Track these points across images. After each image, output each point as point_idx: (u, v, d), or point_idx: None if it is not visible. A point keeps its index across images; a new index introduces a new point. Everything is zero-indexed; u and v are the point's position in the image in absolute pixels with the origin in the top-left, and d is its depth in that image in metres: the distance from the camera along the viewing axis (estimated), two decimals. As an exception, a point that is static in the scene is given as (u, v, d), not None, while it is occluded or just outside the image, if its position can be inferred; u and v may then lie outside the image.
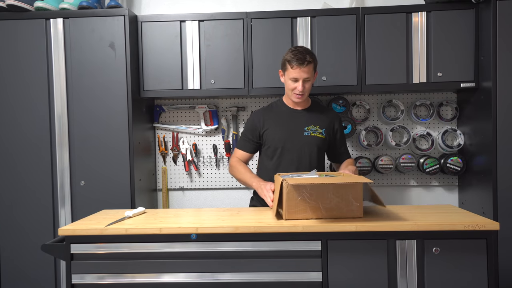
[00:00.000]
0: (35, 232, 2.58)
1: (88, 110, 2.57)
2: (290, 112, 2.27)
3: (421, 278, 1.66)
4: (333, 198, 1.73)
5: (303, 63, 2.09)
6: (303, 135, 2.23)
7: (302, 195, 1.73)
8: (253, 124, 2.28)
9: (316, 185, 1.72)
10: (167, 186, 2.99)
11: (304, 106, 2.28)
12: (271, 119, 2.27)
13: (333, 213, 1.74)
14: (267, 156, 2.28)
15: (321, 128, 2.25)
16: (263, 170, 2.31)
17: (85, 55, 2.56)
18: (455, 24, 2.57)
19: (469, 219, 1.70)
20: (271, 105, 2.36)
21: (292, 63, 2.10)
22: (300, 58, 2.09)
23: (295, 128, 2.23)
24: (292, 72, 2.12)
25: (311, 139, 2.22)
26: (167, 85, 2.68)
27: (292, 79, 2.14)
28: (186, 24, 2.67)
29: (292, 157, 2.21)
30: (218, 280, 1.68)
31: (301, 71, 2.10)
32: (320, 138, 2.24)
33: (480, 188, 2.58)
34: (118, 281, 1.70)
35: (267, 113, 2.29)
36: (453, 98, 2.89)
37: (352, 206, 1.73)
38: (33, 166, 2.58)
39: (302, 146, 2.22)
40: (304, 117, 2.26)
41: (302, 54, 2.11)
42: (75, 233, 1.70)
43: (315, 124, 2.25)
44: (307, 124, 2.24)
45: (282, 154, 2.22)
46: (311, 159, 2.22)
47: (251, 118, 2.32)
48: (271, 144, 2.24)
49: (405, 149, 2.89)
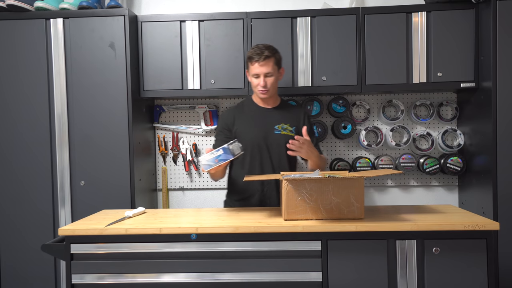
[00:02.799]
0: (35, 232, 2.58)
1: (88, 110, 2.57)
2: (260, 110, 2.27)
3: (421, 278, 1.66)
4: (333, 199, 1.73)
5: (261, 58, 2.13)
6: (274, 133, 2.22)
7: (302, 195, 1.73)
8: (225, 123, 2.26)
9: (316, 185, 1.72)
10: (167, 186, 2.99)
11: (273, 104, 2.29)
12: (241, 118, 2.26)
13: (334, 214, 1.73)
14: (237, 159, 2.23)
15: (291, 126, 2.25)
16: (234, 171, 2.29)
17: (85, 55, 2.56)
18: (455, 24, 2.57)
19: (469, 219, 1.70)
20: (240, 104, 2.36)
21: (252, 60, 2.14)
22: (258, 54, 2.13)
23: (266, 126, 2.23)
24: (253, 69, 2.15)
25: (282, 137, 2.21)
26: (167, 85, 2.68)
27: (254, 76, 2.16)
28: (186, 24, 2.67)
29: (265, 156, 2.20)
30: (218, 280, 1.68)
31: (260, 66, 2.13)
32: (291, 136, 2.19)
33: (480, 188, 2.58)
34: (118, 281, 1.70)
35: (237, 112, 2.28)
36: (453, 98, 2.89)
37: (353, 207, 1.73)
38: (33, 166, 2.58)
39: (274, 145, 2.21)
40: (274, 116, 2.26)
41: (260, 50, 2.14)
42: (75, 233, 1.70)
43: (285, 122, 2.25)
44: (277, 122, 2.24)
45: (253, 153, 2.20)
46: (282, 157, 2.21)
47: (222, 117, 2.31)
48: (242, 143, 2.19)
49: (405, 149, 2.89)
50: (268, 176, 2.07)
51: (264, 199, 2.21)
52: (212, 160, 1.82)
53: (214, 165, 1.82)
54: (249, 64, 2.17)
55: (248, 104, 2.31)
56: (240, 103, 2.37)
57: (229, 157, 1.81)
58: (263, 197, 2.21)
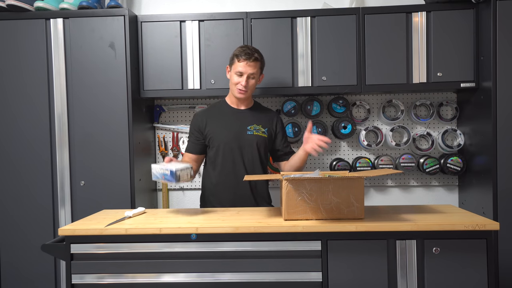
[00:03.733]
0: (35, 232, 2.58)
1: (88, 110, 2.57)
2: (233, 111, 2.29)
3: (421, 278, 1.66)
4: (333, 199, 1.73)
5: (250, 58, 2.14)
6: (246, 133, 2.23)
7: (302, 195, 1.73)
8: (196, 125, 2.28)
9: (316, 185, 1.72)
10: (167, 186, 2.99)
11: (247, 105, 2.31)
12: (213, 119, 2.27)
13: (334, 214, 1.73)
14: (210, 159, 2.28)
15: (264, 128, 2.27)
16: (206, 173, 2.32)
17: (85, 55, 2.56)
18: (455, 24, 2.57)
19: (469, 219, 1.70)
20: (213, 105, 2.38)
21: (240, 57, 2.15)
22: (248, 53, 2.15)
23: (238, 127, 2.25)
24: (238, 66, 2.15)
25: (254, 137, 2.23)
26: (167, 85, 2.68)
27: (237, 73, 2.17)
28: (186, 24, 2.67)
29: (236, 156, 2.22)
30: (218, 280, 1.68)
31: (247, 65, 2.14)
32: (263, 137, 2.25)
33: (480, 188, 2.58)
34: (118, 281, 1.70)
35: (209, 114, 2.30)
36: (453, 98, 2.89)
37: (352, 207, 1.73)
38: (33, 166, 2.58)
39: (245, 145, 2.22)
40: (247, 117, 2.28)
41: (250, 50, 2.17)
42: (75, 233, 1.70)
43: (258, 123, 2.27)
44: (250, 123, 2.26)
45: (225, 153, 2.22)
46: (254, 157, 2.23)
47: (194, 119, 2.32)
48: (215, 144, 2.24)
49: (405, 149, 2.89)
50: (268, 176, 2.08)
51: (237, 197, 2.23)
52: (160, 175, 1.83)
53: (160, 179, 1.83)
54: (235, 61, 2.18)
55: (221, 106, 2.33)
56: (213, 104, 2.40)
57: (173, 181, 1.79)
58: (235, 196, 2.23)
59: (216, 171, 2.24)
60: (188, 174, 1.85)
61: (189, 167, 1.88)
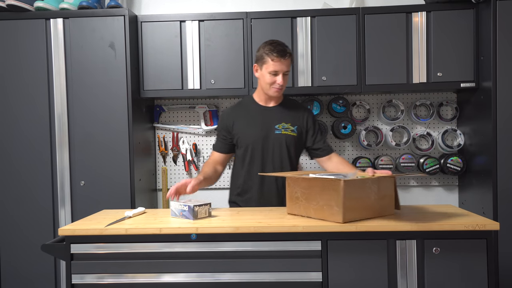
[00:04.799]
0: (35, 232, 2.58)
1: (88, 110, 2.57)
2: (261, 109, 2.22)
3: (421, 278, 1.66)
4: (320, 201, 1.73)
5: (284, 55, 2.06)
6: (274, 133, 2.16)
7: (297, 193, 1.80)
8: (224, 125, 2.22)
9: (308, 184, 1.75)
10: (167, 186, 2.99)
11: (276, 101, 2.23)
12: (240, 118, 2.21)
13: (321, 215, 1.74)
14: (238, 158, 2.23)
15: (293, 126, 2.19)
16: (235, 173, 2.27)
17: (85, 55, 2.56)
18: (455, 24, 2.57)
19: (469, 219, 1.70)
20: (239, 103, 2.30)
21: (273, 56, 2.06)
22: (280, 50, 2.06)
23: (265, 126, 2.17)
24: (273, 65, 2.07)
25: (282, 136, 2.15)
26: (167, 85, 2.68)
27: (271, 73, 2.08)
28: (186, 24, 2.67)
29: (264, 156, 2.16)
30: (218, 280, 1.68)
31: (282, 63, 2.06)
32: (291, 136, 2.17)
33: (480, 188, 2.58)
34: (118, 281, 1.70)
35: (236, 113, 2.23)
36: (453, 98, 2.89)
37: (332, 210, 1.70)
38: (33, 166, 2.58)
39: (274, 145, 2.16)
40: (275, 115, 2.20)
41: (282, 47, 2.08)
42: (75, 233, 1.69)
43: (287, 121, 2.19)
44: (278, 121, 2.18)
45: (253, 154, 2.16)
46: (283, 157, 2.17)
47: (221, 119, 2.26)
48: (243, 144, 2.17)
49: (405, 149, 2.89)
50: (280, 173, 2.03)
51: (263, 197, 2.19)
52: (178, 211, 1.82)
53: (178, 216, 1.83)
54: (267, 60, 2.07)
55: (248, 104, 2.25)
56: (239, 102, 2.33)
57: (191, 217, 1.78)
58: (262, 196, 2.19)
59: (244, 170, 2.19)
60: (207, 211, 1.84)
61: (208, 203, 1.84)
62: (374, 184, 1.72)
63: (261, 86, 2.17)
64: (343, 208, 1.65)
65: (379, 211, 1.75)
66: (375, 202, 1.73)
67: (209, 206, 1.85)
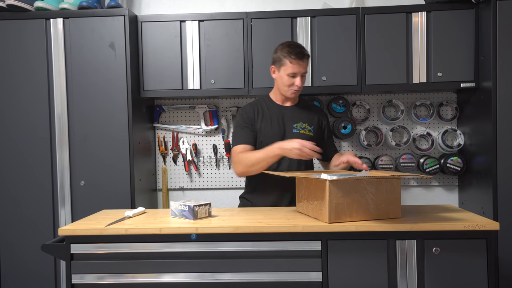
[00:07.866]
0: (35, 232, 2.58)
1: (88, 110, 2.57)
2: (279, 108, 2.23)
3: (421, 278, 1.66)
4: (315, 200, 1.74)
5: (302, 57, 2.08)
6: (292, 132, 2.18)
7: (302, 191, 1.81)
8: (248, 117, 2.19)
9: (307, 183, 1.73)
10: (167, 186, 2.99)
11: (293, 102, 2.25)
12: (262, 114, 2.21)
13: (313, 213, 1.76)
14: None
15: (310, 126, 2.22)
16: None
17: (85, 55, 2.56)
18: (455, 24, 2.57)
19: (469, 219, 1.70)
20: (258, 101, 2.29)
21: (291, 58, 2.07)
22: (299, 53, 2.08)
23: (284, 125, 2.19)
24: (291, 67, 2.08)
25: (299, 136, 2.15)
26: (167, 85, 2.68)
27: (290, 74, 2.09)
28: (186, 24, 2.67)
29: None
30: (218, 280, 1.68)
31: (300, 65, 2.08)
32: (309, 136, 2.18)
33: (480, 188, 2.58)
34: (118, 281, 1.70)
35: (258, 108, 2.23)
36: (453, 98, 2.89)
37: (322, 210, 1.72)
38: (33, 166, 2.58)
39: None
40: (293, 114, 2.22)
41: (300, 49, 2.09)
42: (75, 233, 1.70)
43: (304, 121, 2.21)
44: (296, 121, 2.20)
45: None
46: None
47: (244, 112, 2.22)
48: (264, 139, 2.16)
49: (405, 149, 2.89)
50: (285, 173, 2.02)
51: (279, 198, 2.18)
52: (178, 211, 1.83)
53: (178, 216, 1.83)
54: (285, 62, 2.08)
55: (266, 102, 2.25)
56: (257, 100, 2.31)
57: (191, 217, 1.78)
58: (278, 196, 2.18)
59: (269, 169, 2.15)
60: (207, 211, 1.84)
61: (208, 203, 1.85)
62: (371, 185, 1.71)
63: (278, 87, 2.19)
64: (328, 207, 1.65)
65: (377, 214, 1.72)
66: (371, 204, 1.71)
67: (209, 206, 1.85)
